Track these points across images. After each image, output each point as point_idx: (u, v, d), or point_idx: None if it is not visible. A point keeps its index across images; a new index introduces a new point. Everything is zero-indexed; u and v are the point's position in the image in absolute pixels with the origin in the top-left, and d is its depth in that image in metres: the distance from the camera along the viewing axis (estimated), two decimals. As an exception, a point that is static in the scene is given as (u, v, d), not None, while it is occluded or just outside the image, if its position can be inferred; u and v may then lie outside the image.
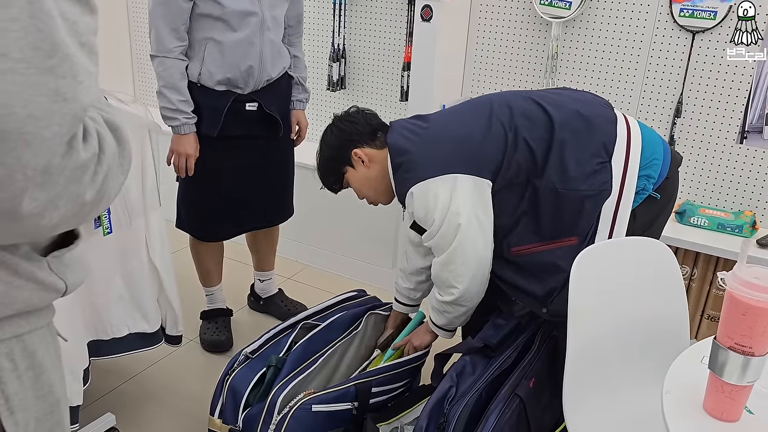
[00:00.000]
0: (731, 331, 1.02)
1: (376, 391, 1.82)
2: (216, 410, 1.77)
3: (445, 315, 1.77)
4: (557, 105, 1.63)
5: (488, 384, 1.57)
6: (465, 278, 1.66)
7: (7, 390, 0.74)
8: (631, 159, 1.59)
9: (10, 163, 0.56)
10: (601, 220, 1.59)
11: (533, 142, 1.59)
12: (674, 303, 1.52)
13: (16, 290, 0.71)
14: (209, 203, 2.25)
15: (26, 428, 0.77)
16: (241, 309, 2.69)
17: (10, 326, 0.73)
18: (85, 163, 0.64)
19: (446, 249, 1.65)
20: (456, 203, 1.59)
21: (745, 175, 2.32)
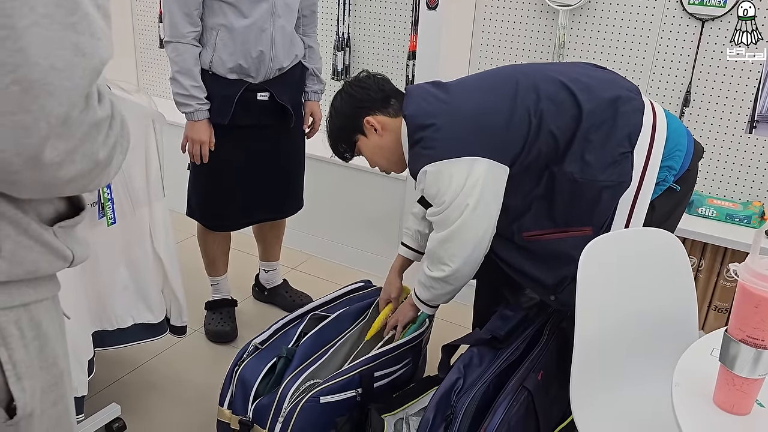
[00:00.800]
0: (743, 324, 1.00)
1: (378, 375, 1.82)
2: (225, 401, 1.77)
3: (431, 290, 1.75)
4: (588, 90, 1.56)
5: (496, 376, 1.56)
6: (459, 258, 1.63)
7: (14, 356, 0.77)
8: (654, 150, 1.55)
9: (35, 110, 0.62)
10: (618, 210, 1.55)
11: (557, 130, 1.54)
12: (683, 295, 1.50)
13: (25, 250, 0.75)
14: (219, 192, 2.24)
15: (32, 396, 0.80)
16: (246, 299, 2.69)
17: (18, 293, 0.77)
18: (100, 122, 0.70)
19: (448, 227, 1.61)
20: (469, 186, 1.55)
21: (754, 165, 2.30)
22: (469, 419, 1.47)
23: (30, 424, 0.81)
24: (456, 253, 1.63)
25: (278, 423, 1.65)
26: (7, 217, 0.73)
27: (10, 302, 0.76)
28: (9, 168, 0.65)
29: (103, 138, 0.72)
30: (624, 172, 1.53)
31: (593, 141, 1.53)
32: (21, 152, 0.64)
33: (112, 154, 0.75)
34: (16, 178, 0.67)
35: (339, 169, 2.89)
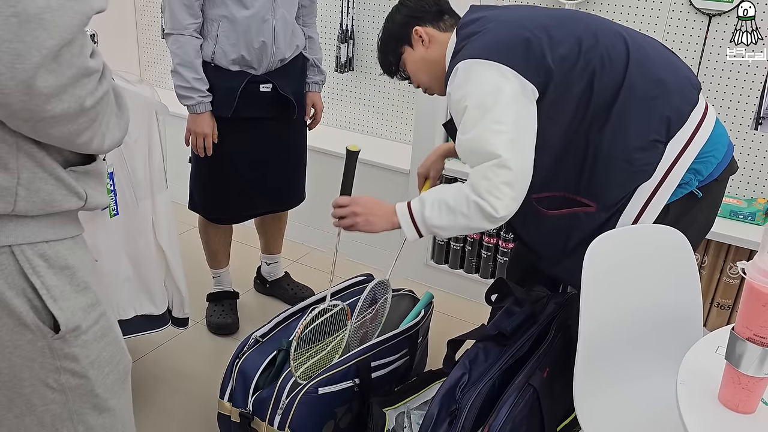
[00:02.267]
0: (750, 322, 1.00)
1: (375, 365, 1.81)
2: (226, 393, 1.77)
3: (457, 218, 1.46)
4: (644, 62, 1.46)
5: (502, 373, 1.56)
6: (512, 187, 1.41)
7: (46, 282, 0.89)
8: (689, 150, 1.46)
9: (29, 41, 0.71)
10: (632, 200, 1.48)
11: (598, 84, 1.44)
12: (689, 292, 1.49)
13: (41, 181, 0.86)
14: (222, 185, 2.23)
15: (73, 314, 0.93)
16: (248, 292, 2.69)
17: (39, 230, 0.88)
18: (90, 71, 0.80)
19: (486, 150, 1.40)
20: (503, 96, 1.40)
21: (759, 162, 2.29)
22: (474, 415, 1.47)
23: (78, 337, 0.95)
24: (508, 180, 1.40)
25: (277, 415, 1.65)
26: (24, 150, 0.84)
27: (33, 238, 0.88)
28: (2, 90, 0.74)
29: (92, 87, 0.82)
30: (649, 161, 1.45)
31: (628, 115, 1.44)
32: (14, 76, 0.73)
33: (98, 109, 0.85)
34: (8, 101, 0.75)
35: (342, 161, 2.88)
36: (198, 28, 2.03)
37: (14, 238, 0.87)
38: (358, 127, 3.12)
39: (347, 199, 1.68)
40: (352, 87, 3.06)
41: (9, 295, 0.88)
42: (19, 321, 0.89)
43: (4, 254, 0.87)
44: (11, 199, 0.84)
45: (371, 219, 1.61)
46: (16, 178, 0.84)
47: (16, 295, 0.88)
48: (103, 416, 1.04)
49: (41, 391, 0.95)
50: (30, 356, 0.92)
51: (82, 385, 0.98)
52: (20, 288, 0.88)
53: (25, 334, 0.90)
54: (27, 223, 0.87)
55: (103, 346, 1.00)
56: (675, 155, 1.46)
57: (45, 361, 0.93)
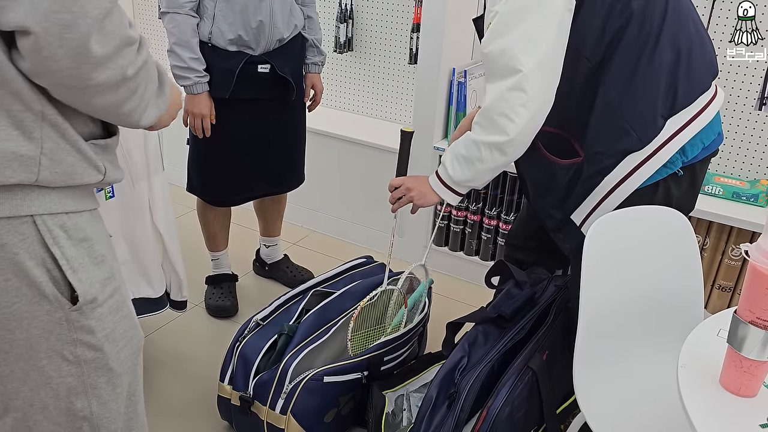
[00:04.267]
0: (753, 306, 0.98)
1: (388, 359, 1.81)
2: (226, 377, 1.77)
3: (475, 165, 1.46)
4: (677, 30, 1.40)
5: (501, 355, 1.55)
6: (527, 111, 1.35)
7: (66, 253, 0.91)
8: (686, 131, 1.44)
9: (75, 11, 0.77)
10: (620, 165, 1.45)
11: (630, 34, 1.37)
12: (689, 274, 1.48)
13: (63, 152, 0.88)
14: (220, 167, 2.21)
15: (91, 286, 0.95)
16: (247, 274, 2.68)
17: (60, 201, 0.91)
18: (131, 39, 0.86)
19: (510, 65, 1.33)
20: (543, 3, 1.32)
21: (763, 143, 2.26)
22: (472, 398, 1.47)
23: (94, 309, 0.96)
24: (525, 104, 1.34)
25: (280, 399, 1.65)
26: (49, 120, 0.86)
27: (54, 209, 0.90)
28: (53, 57, 0.78)
29: (133, 57, 0.87)
30: (646, 130, 1.42)
31: (645, 77, 1.39)
32: (63, 44, 0.78)
33: (138, 79, 0.89)
34: (58, 68, 0.80)
35: (341, 143, 2.86)
36: (195, 7, 1.99)
37: (36, 207, 0.88)
38: (358, 109, 3.09)
39: (399, 180, 1.70)
40: (351, 67, 3.02)
41: (29, 265, 0.89)
42: (39, 291, 0.91)
43: (26, 224, 0.88)
44: (35, 168, 0.86)
45: (424, 191, 1.61)
46: (39, 148, 0.86)
47: (36, 265, 0.89)
48: (117, 391, 1.05)
49: (57, 363, 0.96)
50: (47, 327, 0.93)
51: (97, 359, 1.00)
52: (40, 258, 0.90)
53: (44, 305, 0.92)
54: (49, 193, 0.89)
55: (117, 320, 1.02)
56: (671, 133, 1.44)
57: (62, 333, 0.95)
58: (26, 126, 0.85)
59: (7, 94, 0.83)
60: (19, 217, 0.87)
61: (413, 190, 1.64)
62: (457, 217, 2.67)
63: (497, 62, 1.37)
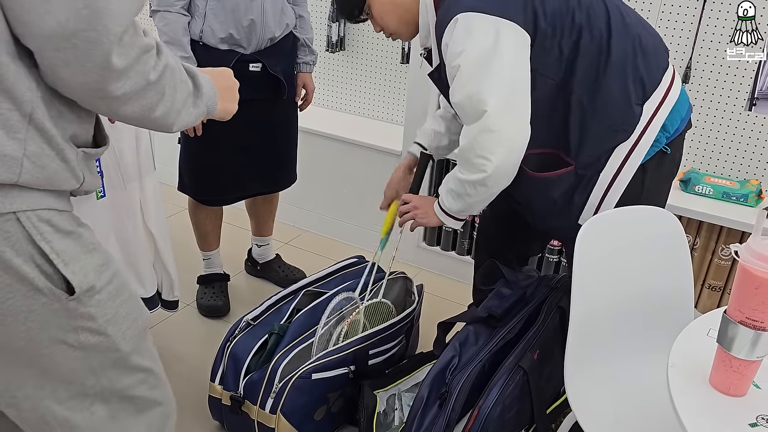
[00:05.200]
0: (742, 305, 0.99)
1: (373, 353, 1.82)
2: (217, 376, 1.77)
3: (464, 199, 1.56)
4: (624, 24, 1.49)
5: (492, 355, 1.56)
6: (500, 151, 1.43)
7: (55, 246, 0.91)
8: (661, 111, 1.51)
9: (100, 29, 0.81)
10: (610, 160, 1.51)
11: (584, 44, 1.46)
12: (680, 274, 1.49)
13: (47, 158, 0.89)
14: (211, 166, 2.20)
15: (85, 276, 0.95)
16: (239, 274, 2.67)
17: (42, 199, 0.91)
18: (148, 47, 0.89)
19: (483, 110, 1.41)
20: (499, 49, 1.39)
21: (753, 143, 2.28)
22: (463, 398, 1.47)
23: (92, 297, 0.96)
24: (498, 142, 1.43)
25: (269, 398, 1.65)
26: (36, 123, 0.87)
27: (37, 205, 0.90)
28: (82, 71, 0.83)
29: (153, 61, 0.90)
30: (628, 121, 1.48)
31: (610, 76, 1.46)
32: (90, 59, 0.82)
33: (163, 81, 0.92)
34: (86, 80, 0.84)
35: (333, 142, 2.86)
36: (186, 5, 1.99)
37: (19, 204, 0.88)
38: (350, 108, 3.09)
39: (410, 196, 1.80)
40: (343, 67, 3.02)
41: (17, 262, 0.88)
42: (32, 286, 0.91)
43: (10, 221, 0.88)
44: (17, 169, 0.86)
45: (429, 213, 1.70)
46: (23, 149, 0.86)
47: (24, 261, 0.89)
48: (126, 368, 1.06)
49: (62, 350, 0.97)
50: (46, 319, 0.93)
51: (102, 342, 1.00)
52: (28, 254, 0.89)
53: (39, 298, 0.91)
54: (31, 191, 0.89)
55: (119, 303, 1.02)
56: (650, 115, 1.50)
57: (61, 322, 0.95)
58: (11, 125, 0.85)
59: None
60: (2, 214, 0.87)
61: (420, 209, 1.73)
62: (449, 216, 2.67)
63: (467, 108, 1.45)
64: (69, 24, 0.80)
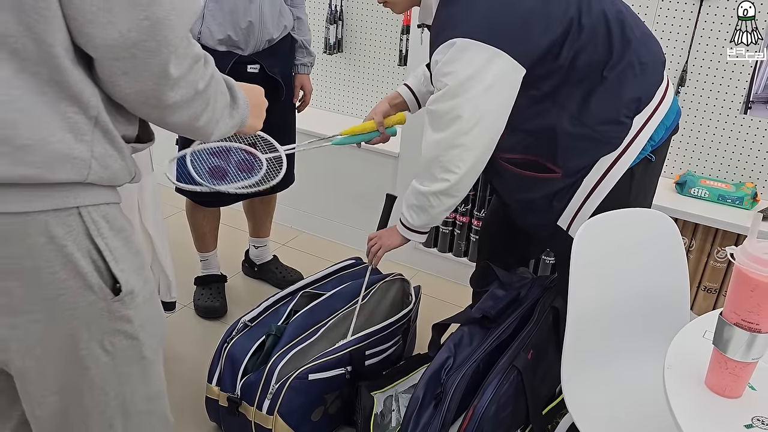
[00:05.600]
0: (738, 308, 1.00)
1: (369, 353, 1.82)
2: (214, 378, 1.77)
3: (428, 211, 1.58)
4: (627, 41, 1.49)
5: (486, 355, 1.56)
6: (467, 163, 1.48)
7: (109, 243, 0.94)
8: (650, 123, 1.53)
9: (159, 39, 0.84)
10: (594, 168, 1.54)
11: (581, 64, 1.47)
12: (676, 277, 1.50)
13: (111, 159, 0.92)
14: None
15: (130, 276, 0.97)
16: (236, 275, 2.67)
17: (101, 193, 0.93)
18: (197, 56, 0.92)
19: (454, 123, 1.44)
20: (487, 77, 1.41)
21: (748, 146, 2.29)
22: (459, 398, 1.48)
23: (133, 300, 0.97)
24: (464, 157, 1.47)
25: (266, 399, 1.65)
26: (101, 125, 0.90)
27: (97, 200, 0.92)
28: (139, 79, 0.86)
29: (202, 71, 0.93)
30: (616, 136, 1.51)
31: (606, 92, 1.48)
32: (148, 68, 0.86)
33: (209, 91, 0.96)
34: (142, 88, 0.87)
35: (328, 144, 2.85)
36: None
37: (82, 199, 0.90)
38: (347, 110, 3.10)
39: (372, 234, 1.86)
40: (340, 69, 3.03)
41: (77, 257, 0.90)
42: (84, 282, 0.91)
43: (72, 215, 0.89)
44: (85, 171, 0.89)
45: (391, 236, 1.77)
46: (90, 151, 0.89)
47: (82, 256, 0.90)
48: (147, 378, 1.07)
49: (96, 354, 0.97)
50: (89, 318, 0.94)
51: (132, 347, 1.01)
52: (86, 249, 0.91)
53: (88, 296, 0.92)
54: (92, 187, 0.92)
55: (149, 308, 1.03)
56: (638, 128, 1.52)
57: (102, 323, 0.96)
58: (79, 128, 0.87)
59: (65, 97, 0.86)
60: (66, 209, 0.88)
61: (382, 237, 1.79)
62: (446, 218, 2.67)
63: (439, 119, 1.47)
64: (130, 35, 0.82)
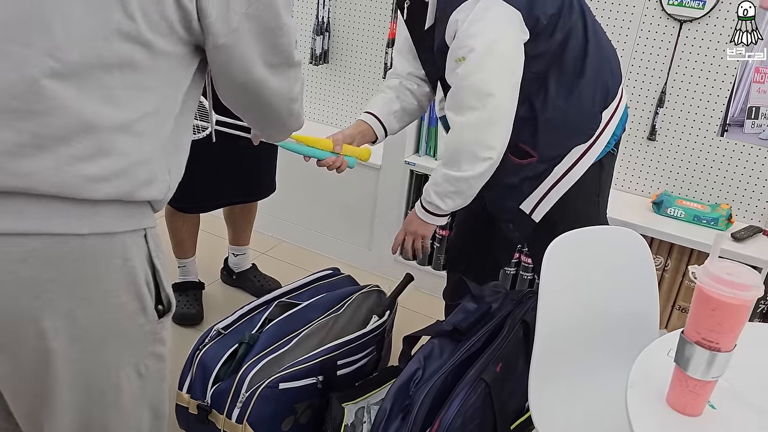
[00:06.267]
0: (699, 326, 1.01)
1: (341, 363, 1.81)
2: (185, 385, 1.75)
3: (465, 194, 1.58)
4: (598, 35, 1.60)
5: (455, 367, 1.56)
6: (504, 137, 1.50)
7: (161, 264, 0.95)
8: (614, 117, 1.64)
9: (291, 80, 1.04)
10: (566, 157, 1.62)
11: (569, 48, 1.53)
12: (645, 293, 1.51)
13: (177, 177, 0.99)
14: (188, 173, 2.18)
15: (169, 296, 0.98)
16: (214, 282, 2.66)
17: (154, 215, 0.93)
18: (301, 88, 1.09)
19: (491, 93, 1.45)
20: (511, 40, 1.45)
21: (724, 168, 2.32)
22: (426, 409, 1.47)
23: (168, 319, 0.99)
24: (501, 131, 1.49)
25: (236, 408, 1.64)
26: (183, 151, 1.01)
27: (154, 221, 0.93)
28: (280, 116, 1.09)
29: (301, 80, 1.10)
30: (591, 126, 1.61)
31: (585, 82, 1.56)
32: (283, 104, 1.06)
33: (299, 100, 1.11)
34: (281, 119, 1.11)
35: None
36: None
37: (148, 220, 0.91)
38: (332, 120, 3.10)
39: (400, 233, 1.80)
40: (326, 79, 3.04)
41: (140, 279, 0.89)
42: (141, 305, 0.91)
43: (141, 236, 0.89)
44: (165, 190, 0.91)
45: (424, 228, 1.72)
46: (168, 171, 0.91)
47: (144, 278, 0.90)
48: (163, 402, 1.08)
49: (130, 377, 0.96)
50: (134, 341, 0.93)
51: (160, 369, 1.01)
52: (145, 271, 0.90)
53: (139, 319, 0.91)
54: (151, 207, 0.93)
55: (170, 327, 1.03)
56: (606, 121, 1.63)
57: (144, 346, 0.95)
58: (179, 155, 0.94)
59: None
60: (139, 230, 0.88)
61: (417, 232, 1.73)
62: (426, 231, 2.68)
63: (475, 95, 1.46)
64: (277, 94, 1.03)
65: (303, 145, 1.72)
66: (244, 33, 0.90)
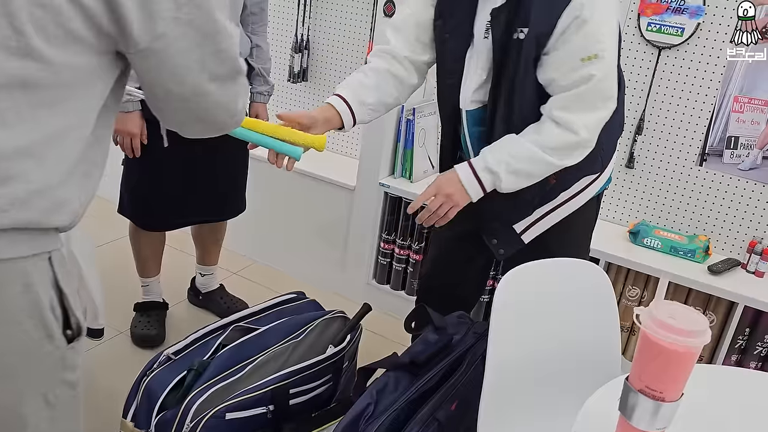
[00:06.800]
0: (643, 373, 0.94)
1: (294, 392, 1.73)
2: (129, 413, 1.68)
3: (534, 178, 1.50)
4: None
5: (409, 403, 1.49)
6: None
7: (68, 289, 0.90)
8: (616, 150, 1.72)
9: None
10: (576, 184, 1.60)
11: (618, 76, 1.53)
12: (605, 326, 1.45)
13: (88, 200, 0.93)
14: (151, 190, 2.14)
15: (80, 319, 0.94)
16: (180, 302, 2.59)
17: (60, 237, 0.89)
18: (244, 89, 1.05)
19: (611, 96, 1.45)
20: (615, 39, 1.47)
21: (703, 199, 2.26)
22: (373, 449, 1.40)
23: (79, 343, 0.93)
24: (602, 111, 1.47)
25: (179, 439, 1.56)
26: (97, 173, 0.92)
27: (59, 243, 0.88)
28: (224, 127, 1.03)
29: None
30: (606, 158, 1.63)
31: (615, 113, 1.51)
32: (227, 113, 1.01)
33: None
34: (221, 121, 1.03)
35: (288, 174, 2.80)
36: None
37: (53, 243, 0.85)
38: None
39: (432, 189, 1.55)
40: (305, 97, 3.00)
41: (44, 305, 0.84)
42: (47, 333, 0.86)
43: (44, 261, 0.84)
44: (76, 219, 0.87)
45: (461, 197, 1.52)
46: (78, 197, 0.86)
47: (48, 304, 0.85)
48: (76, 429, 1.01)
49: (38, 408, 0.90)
50: (42, 370, 0.88)
51: (73, 397, 0.95)
52: (50, 297, 0.85)
53: (46, 347, 0.86)
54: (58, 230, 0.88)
55: (84, 351, 0.98)
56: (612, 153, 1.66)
57: (54, 374, 0.90)
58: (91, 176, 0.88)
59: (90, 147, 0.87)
60: (41, 254, 0.83)
61: (453, 196, 1.52)
62: (399, 255, 2.62)
63: (599, 96, 1.43)
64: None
65: (245, 129, 1.48)
66: (177, 39, 0.84)
